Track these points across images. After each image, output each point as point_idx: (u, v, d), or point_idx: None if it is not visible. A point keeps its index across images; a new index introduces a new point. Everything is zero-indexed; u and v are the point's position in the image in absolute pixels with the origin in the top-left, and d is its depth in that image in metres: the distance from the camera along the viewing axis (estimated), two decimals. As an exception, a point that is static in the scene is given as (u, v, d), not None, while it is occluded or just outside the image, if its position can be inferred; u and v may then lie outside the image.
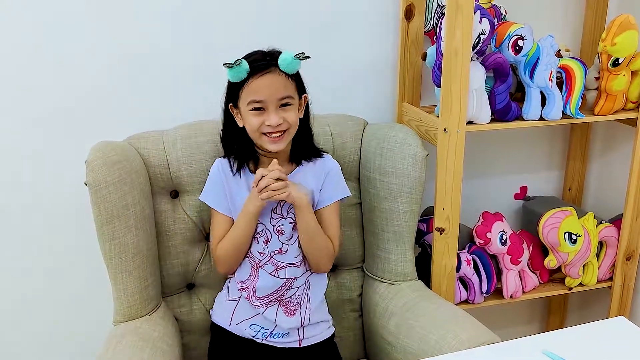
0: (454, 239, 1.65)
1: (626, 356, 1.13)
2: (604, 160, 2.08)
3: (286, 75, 1.33)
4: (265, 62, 1.32)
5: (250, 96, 1.31)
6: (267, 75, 1.31)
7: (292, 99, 1.34)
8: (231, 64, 1.28)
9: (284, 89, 1.32)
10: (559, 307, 2.23)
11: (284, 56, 1.31)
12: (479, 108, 1.58)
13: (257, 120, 1.32)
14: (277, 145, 1.34)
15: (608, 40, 1.61)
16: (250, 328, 1.44)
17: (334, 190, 1.45)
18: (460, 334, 1.34)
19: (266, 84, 1.31)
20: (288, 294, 1.43)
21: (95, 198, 1.34)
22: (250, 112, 1.32)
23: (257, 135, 1.34)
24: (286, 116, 1.33)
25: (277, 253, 1.41)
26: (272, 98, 1.31)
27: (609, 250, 1.89)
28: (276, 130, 1.32)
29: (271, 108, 1.31)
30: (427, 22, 1.73)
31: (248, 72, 1.30)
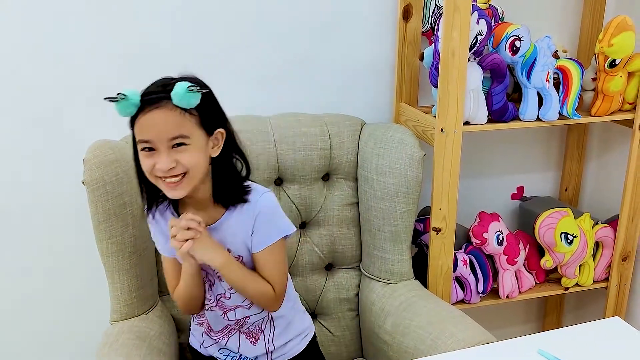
0: (451, 239, 1.66)
1: (621, 356, 1.13)
2: (601, 161, 2.08)
3: (182, 110, 1.11)
4: (158, 95, 1.11)
5: (138, 134, 1.12)
6: (156, 111, 1.10)
7: (186, 138, 1.12)
8: (114, 98, 1.09)
9: (175, 127, 1.10)
10: (555, 307, 2.24)
11: (176, 89, 1.10)
12: (475, 108, 1.58)
13: (148, 162, 1.12)
14: (176, 192, 1.14)
15: (605, 41, 1.61)
16: (219, 352, 1.39)
17: (266, 234, 1.26)
18: (456, 333, 1.35)
19: (154, 122, 1.10)
20: (245, 326, 1.35)
21: (92, 197, 1.35)
22: (142, 152, 1.13)
23: (153, 179, 1.15)
24: (180, 158, 1.11)
25: (221, 297, 1.31)
26: (160, 138, 1.10)
27: (605, 250, 1.90)
28: (169, 175, 1.12)
29: (162, 149, 1.11)
30: (424, 22, 1.73)
31: (138, 106, 1.11)
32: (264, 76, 1.70)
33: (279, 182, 1.59)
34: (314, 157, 1.59)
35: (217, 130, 1.18)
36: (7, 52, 1.53)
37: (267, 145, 1.55)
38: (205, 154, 1.16)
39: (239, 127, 1.53)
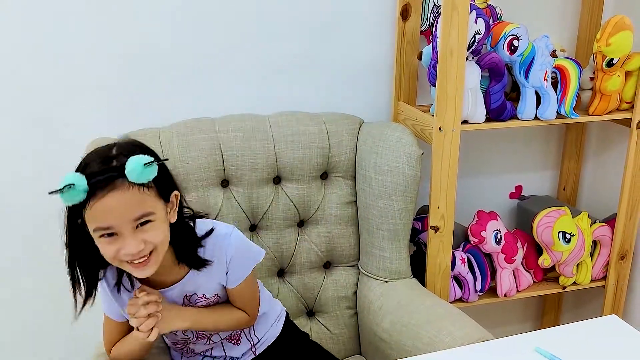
0: (449, 238, 1.66)
1: (618, 354, 1.14)
2: (599, 160, 2.09)
3: (139, 186, 1.02)
4: (108, 176, 1.00)
5: (94, 223, 1.01)
6: (112, 194, 0.99)
7: (151, 214, 1.04)
8: (60, 190, 0.99)
9: (137, 206, 1.02)
10: (553, 306, 2.24)
11: (131, 166, 0.99)
12: (474, 107, 1.58)
13: (111, 248, 1.03)
14: (145, 272, 1.07)
15: (603, 40, 1.62)
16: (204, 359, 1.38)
17: (241, 271, 1.25)
18: (453, 331, 1.35)
19: (112, 205, 1.00)
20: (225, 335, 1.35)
21: (91, 194, 1.34)
22: (101, 239, 1.03)
23: (117, 263, 1.06)
24: (147, 237, 1.04)
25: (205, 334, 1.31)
26: (122, 221, 1.01)
27: (602, 249, 1.91)
28: (138, 257, 1.04)
29: (126, 232, 1.02)
30: (423, 21, 1.74)
31: (87, 191, 1.00)
32: (263, 75, 1.70)
33: (277, 180, 1.60)
34: (313, 155, 1.59)
35: (172, 194, 1.11)
36: (7, 52, 1.53)
37: (265, 143, 1.55)
38: (167, 223, 1.09)
39: (237, 125, 1.55)
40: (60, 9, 1.53)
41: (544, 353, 1.12)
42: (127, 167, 1.00)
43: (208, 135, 1.52)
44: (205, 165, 1.51)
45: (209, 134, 1.52)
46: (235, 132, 1.54)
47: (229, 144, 1.53)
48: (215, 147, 1.52)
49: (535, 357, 1.12)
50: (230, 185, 1.56)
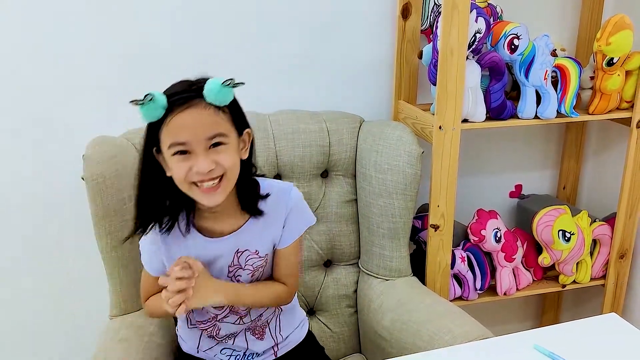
0: (449, 236, 1.67)
1: (617, 352, 1.14)
2: (599, 159, 2.09)
3: (216, 108, 1.06)
4: (188, 94, 1.05)
5: (171, 138, 1.05)
6: (189, 111, 1.04)
7: (224, 136, 1.07)
8: (141, 101, 1.01)
9: (212, 125, 1.05)
10: (552, 304, 2.25)
11: (209, 85, 1.05)
12: (474, 106, 1.59)
13: (183, 166, 1.05)
14: (214, 199, 1.09)
15: (603, 39, 1.62)
16: (221, 353, 1.33)
17: (295, 229, 1.25)
18: (453, 329, 1.36)
19: (189, 122, 1.04)
20: (252, 324, 1.32)
21: (92, 192, 1.35)
22: (173, 157, 1.06)
23: (186, 187, 1.08)
24: (219, 159, 1.06)
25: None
26: (197, 138, 1.04)
27: (602, 248, 1.91)
28: (208, 177, 1.06)
29: (199, 150, 1.05)
30: (423, 20, 1.74)
31: (166, 108, 1.04)
32: (263, 74, 1.70)
33: (277, 178, 1.60)
34: (313, 153, 1.59)
35: (245, 130, 1.14)
36: (6, 52, 1.53)
37: (266, 142, 1.56)
38: (238, 155, 1.12)
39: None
40: (60, 9, 1.53)
41: (543, 351, 1.12)
42: (206, 87, 1.05)
43: (209, 134, 1.52)
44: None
45: (210, 132, 1.53)
46: (236, 130, 1.54)
47: (229, 142, 1.53)
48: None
49: (534, 354, 1.12)
50: (231, 183, 1.56)
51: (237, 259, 1.22)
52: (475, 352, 1.16)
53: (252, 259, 1.23)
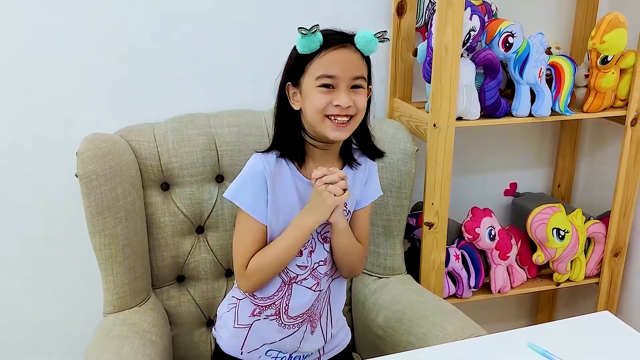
0: (443, 234, 1.67)
1: (610, 349, 1.14)
2: (593, 157, 2.09)
3: (361, 55, 1.18)
4: (341, 37, 1.16)
5: (322, 70, 1.14)
6: (342, 50, 1.15)
7: (364, 80, 1.18)
8: (306, 30, 1.11)
9: (359, 68, 1.17)
10: (547, 302, 2.25)
11: (362, 33, 1.16)
12: (468, 104, 1.59)
13: (324, 98, 1.14)
14: (340, 133, 1.17)
15: (597, 38, 1.62)
16: (266, 355, 1.31)
17: (373, 190, 1.33)
18: (447, 327, 1.36)
19: (341, 59, 1.14)
20: (317, 306, 1.31)
21: (85, 189, 1.35)
22: (318, 87, 1.14)
23: (319, 118, 1.16)
24: (357, 99, 1.16)
25: (320, 264, 1.27)
26: (345, 75, 1.14)
27: (596, 246, 1.91)
28: (344, 113, 1.15)
29: (342, 86, 1.15)
30: (418, 18, 1.74)
31: (321, 44, 1.14)
32: (258, 71, 1.70)
33: (272, 176, 1.60)
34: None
35: (369, 85, 1.23)
36: (3, 48, 1.53)
37: (260, 139, 1.55)
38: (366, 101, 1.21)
39: (232, 121, 1.55)
40: (57, 8, 1.53)
41: (537, 349, 1.12)
42: (359, 34, 1.16)
43: (203, 131, 1.52)
44: (200, 161, 1.51)
45: (204, 129, 1.53)
46: (230, 127, 1.54)
47: (224, 139, 1.53)
48: (210, 143, 1.52)
49: (528, 352, 1.12)
50: (226, 180, 1.56)
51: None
52: (469, 350, 1.17)
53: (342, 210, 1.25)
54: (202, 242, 1.56)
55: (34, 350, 1.80)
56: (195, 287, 1.57)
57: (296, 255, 1.24)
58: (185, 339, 1.58)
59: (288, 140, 1.21)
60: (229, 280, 1.60)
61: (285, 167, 1.22)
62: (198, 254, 1.55)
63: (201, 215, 1.54)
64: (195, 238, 1.56)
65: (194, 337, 1.58)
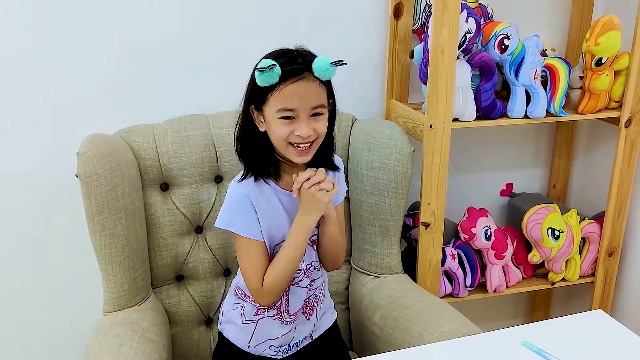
0: (439, 234, 1.68)
1: (602, 347, 1.16)
2: (588, 158, 2.11)
3: (320, 81, 1.19)
4: (299, 67, 1.17)
5: (281, 103, 1.17)
6: (300, 82, 1.17)
7: (324, 107, 1.21)
8: (264, 68, 1.14)
9: (317, 97, 1.19)
10: (542, 302, 2.27)
11: (319, 63, 1.17)
12: (464, 105, 1.60)
13: (285, 129, 1.18)
14: (304, 158, 1.21)
15: (591, 40, 1.64)
16: (269, 349, 1.38)
17: (342, 187, 1.38)
18: (442, 325, 1.38)
19: (299, 92, 1.17)
20: (308, 296, 1.38)
21: (86, 190, 1.36)
22: (279, 119, 1.18)
23: (283, 145, 1.20)
24: (317, 127, 1.19)
25: (313, 265, 1.35)
26: (304, 107, 1.17)
27: (591, 246, 1.93)
28: (305, 141, 1.19)
29: (302, 117, 1.18)
30: (415, 20, 1.76)
31: (280, 77, 1.16)
32: (256, 72, 1.71)
33: (270, 176, 1.61)
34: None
35: (330, 100, 1.26)
36: (4, 48, 1.54)
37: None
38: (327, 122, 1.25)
39: (231, 122, 1.56)
40: (57, 8, 1.54)
41: (531, 347, 1.14)
42: (316, 64, 1.17)
43: (202, 132, 1.54)
44: (199, 161, 1.53)
45: (203, 130, 1.54)
46: (229, 128, 1.55)
47: (222, 140, 1.54)
48: (209, 143, 1.53)
49: (522, 350, 1.14)
50: (224, 181, 1.57)
51: None
52: (464, 348, 1.18)
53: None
54: (201, 241, 1.57)
55: (34, 349, 1.81)
56: (194, 286, 1.59)
57: None
58: (184, 337, 1.59)
59: (260, 161, 1.25)
60: (228, 280, 1.61)
61: (265, 186, 1.27)
62: (197, 253, 1.57)
63: (200, 215, 1.56)
64: (194, 238, 1.57)
65: (193, 336, 1.59)
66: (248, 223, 1.25)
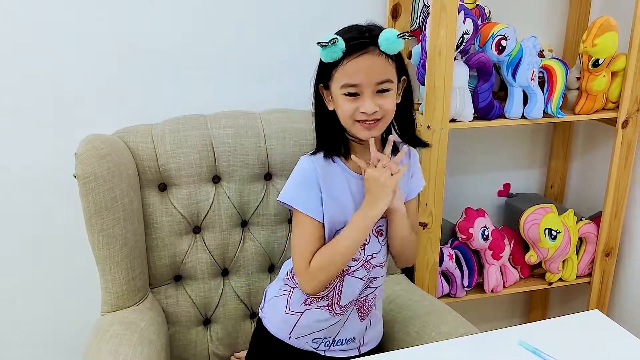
0: (437, 234, 1.69)
1: (599, 347, 1.16)
2: (585, 158, 2.12)
3: (386, 56, 1.16)
4: (364, 41, 1.15)
5: (345, 79, 1.16)
6: (364, 56, 1.14)
7: (391, 83, 1.18)
8: (325, 43, 1.13)
9: (383, 71, 1.16)
10: (540, 302, 2.27)
11: (385, 35, 1.14)
12: (462, 106, 1.61)
13: (350, 105, 1.17)
14: (370, 133, 1.20)
15: (588, 41, 1.64)
16: (312, 342, 1.34)
17: (420, 180, 1.36)
18: (439, 325, 1.38)
19: (363, 66, 1.15)
20: (365, 293, 1.33)
21: (84, 190, 1.36)
22: (343, 96, 1.17)
23: (349, 123, 1.19)
24: (382, 103, 1.17)
25: (372, 256, 1.30)
26: (369, 82, 1.15)
27: (588, 246, 1.94)
28: (371, 118, 1.17)
29: (367, 93, 1.16)
30: (413, 21, 1.76)
31: (344, 52, 1.14)
32: (255, 73, 1.71)
33: (268, 177, 1.61)
34: (304, 152, 1.59)
35: (402, 77, 1.23)
36: (3, 48, 1.54)
37: (257, 140, 1.57)
38: (395, 100, 1.21)
39: (229, 122, 1.57)
40: (56, 8, 1.54)
41: (527, 347, 1.14)
42: (382, 36, 1.14)
43: (200, 132, 1.54)
44: (197, 162, 1.53)
45: (201, 131, 1.54)
46: (227, 128, 1.55)
47: (220, 141, 1.54)
48: (207, 144, 1.53)
49: (519, 350, 1.14)
50: (222, 181, 1.57)
51: None
52: (461, 348, 1.18)
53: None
54: (199, 242, 1.57)
55: (32, 349, 1.81)
56: (192, 286, 1.59)
57: None
58: (182, 337, 1.59)
59: (330, 139, 1.25)
60: (226, 280, 1.61)
61: (334, 165, 1.26)
62: (195, 253, 1.57)
63: (198, 215, 1.56)
64: (192, 238, 1.57)
65: (191, 336, 1.59)
66: (309, 199, 1.24)
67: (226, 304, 1.60)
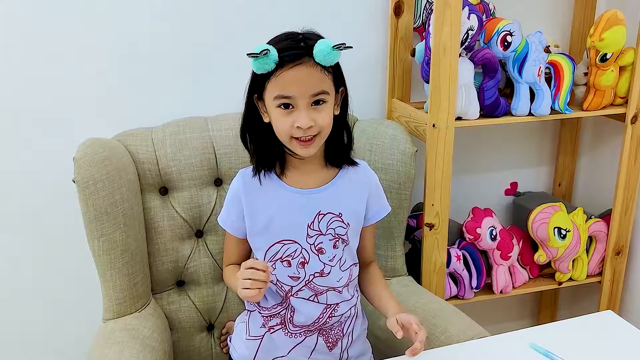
0: (444, 235, 1.66)
1: (613, 349, 1.14)
2: (594, 155, 2.09)
3: (322, 67, 1.11)
4: (298, 52, 1.10)
5: (278, 90, 1.11)
6: (298, 67, 1.10)
7: (327, 94, 1.13)
8: (256, 54, 1.08)
9: (318, 83, 1.11)
10: (549, 302, 2.24)
11: (320, 46, 1.09)
12: (467, 104, 1.58)
13: (285, 121, 1.12)
14: (307, 151, 1.15)
15: (596, 35, 1.61)
16: None
17: (379, 207, 1.31)
18: (448, 328, 1.35)
19: (297, 78, 1.10)
20: (330, 322, 1.27)
21: (83, 195, 1.34)
22: (277, 108, 1.13)
23: (287, 140, 1.15)
24: (317, 117, 1.12)
25: (317, 276, 1.23)
26: (303, 94, 1.11)
27: (598, 245, 1.91)
28: (306, 134, 1.13)
29: (301, 105, 1.11)
30: (416, 18, 1.74)
31: (276, 63, 1.10)
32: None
33: (271, 179, 1.59)
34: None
35: (340, 88, 1.20)
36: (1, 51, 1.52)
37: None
38: (332, 113, 1.17)
39: (230, 124, 1.55)
40: (55, 11, 1.52)
41: (539, 349, 1.12)
42: (316, 47, 1.10)
43: (201, 134, 1.52)
44: (198, 164, 1.51)
45: (202, 133, 1.52)
46: (228, 130, 1.53)
47: (221, 143, 1.52)
48: (208, 146, 1.51)
49: (531, 353, 1.12)
50: (224, 184, 1.55)
51: (318, 223, 1.22)
52: (472, 352, 1.16)
53: (335, 222, 1.23)
54: (202, 246, 1.55)
55: (34, 356, 1.80)
56: (195, 291, 1.57)
57: (283, 265, 1.23)
58: (185, 344, 1.57)
59: (264, 152, 1.21)
60: (229, 284, 1.59)
61: (267, 180, 1.23)
62: (197, 258, 1.55)
63: (200, 219, 1.54)
64: (195, 242, 1.55)
65: (195, 342, 1.57)
66: (228, 214, 1.27)
67: (230, 309, 1.58)
